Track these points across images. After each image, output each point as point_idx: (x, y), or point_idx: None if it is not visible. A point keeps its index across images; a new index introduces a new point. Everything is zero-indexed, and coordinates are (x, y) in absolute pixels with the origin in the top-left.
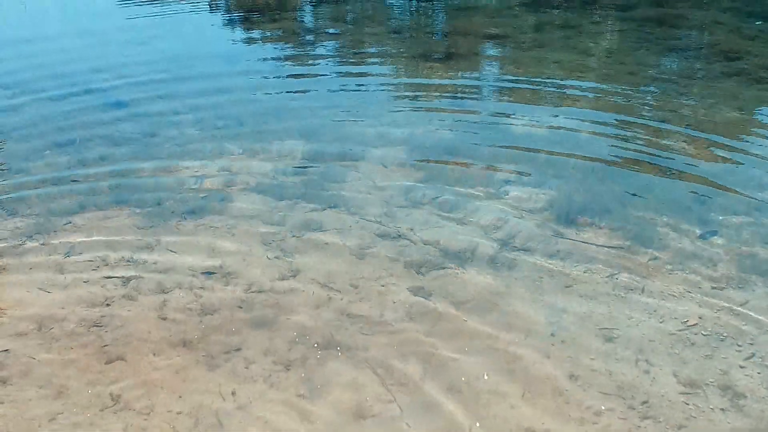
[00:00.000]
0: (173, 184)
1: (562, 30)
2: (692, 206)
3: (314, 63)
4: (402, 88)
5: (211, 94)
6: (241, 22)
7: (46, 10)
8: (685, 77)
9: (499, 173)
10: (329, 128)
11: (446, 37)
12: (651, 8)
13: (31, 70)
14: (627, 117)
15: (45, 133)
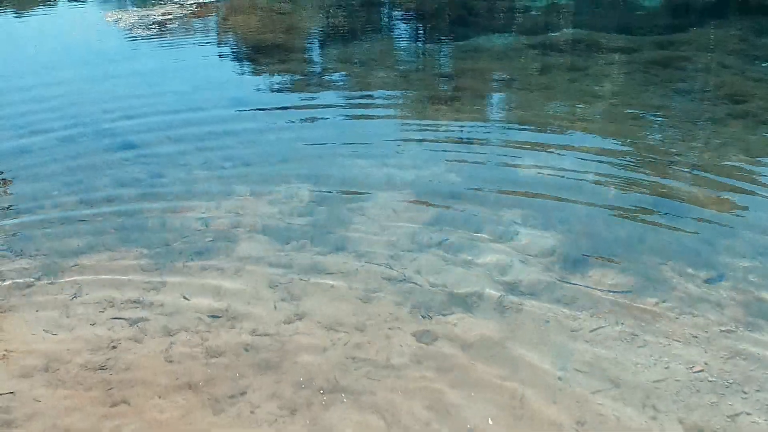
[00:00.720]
0: (180, 225)
1: (568, 72)
2: (699, 250)
3: (321, 104)
4: (409, 130)
5: (218, 135)
6: (249, 63)
7: (56, 52)
8: (691, 120)
9: (506, 216)
10: (336, 170)
11: (453, 80)
12: (656, 51)
13: (40, 111)
14: (633, 160)
15: (53, 173)
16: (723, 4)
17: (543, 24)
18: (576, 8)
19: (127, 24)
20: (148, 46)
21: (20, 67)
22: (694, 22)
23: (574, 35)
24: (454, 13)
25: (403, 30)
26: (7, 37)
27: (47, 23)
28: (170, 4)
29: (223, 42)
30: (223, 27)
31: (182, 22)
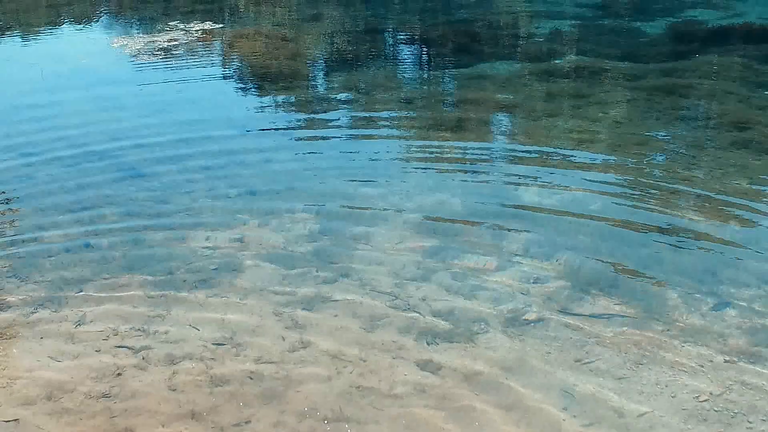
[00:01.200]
0: (185, 253)
1: (572, 99)
2: (703, 279)
3: (326, 131)
4: (413, 156)
5: (223, 161)
6: (254, 89)
7: (63, 76)
8: (695, 147)
9: (510, 243)
10: (341, 197)
11: (457, 106)
12: (660, 78)
13: (47, 135)
14: (637, 187)
15: (59, 198)
16: (726, 32)
17: (547, 51)
18: (579, 35)
19: (133, 50)
20: (154, 72)
21: (27, 91)
22: (698, 49)
23: (577, 62)
24: (457, 40)
25: (407, 56)
26: (14, 60)
27: (53, 47)
28: (176, 31)
29: (228, 68)
30: (228, 53)
31: (188, 48)
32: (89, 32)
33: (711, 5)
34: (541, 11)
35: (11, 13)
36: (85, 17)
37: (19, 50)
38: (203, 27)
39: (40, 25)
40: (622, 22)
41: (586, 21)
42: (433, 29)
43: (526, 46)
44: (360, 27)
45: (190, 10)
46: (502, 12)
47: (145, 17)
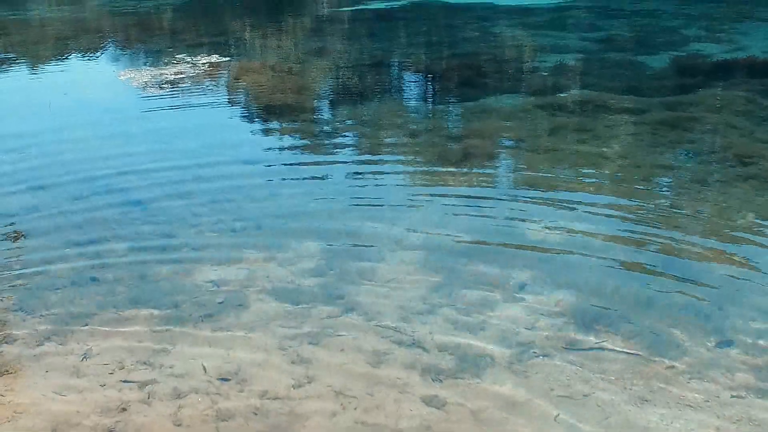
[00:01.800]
0: (191, 286)
1: (577, 133)
2: (709, 313)
3: (331, 164)
4: (418, 190)
5: (229, 195)
6: (260, 123)
7: (69, 109)
8: (699, 181)
9: (516, 278)
10: (346, 231)
11: (462, 139)
12: (664, 112)
13: (54, 167)
14: (642, 221)
15: (65, 231)
16: (730, 65)
17: (551, 84)
18: (583, 68)
19: (140, 82)
20: (161, 105)
21: (34, 122)
22: (702, 83)
23: (582, 96)
24: (462, 73)
25: (412, 90)
26: (21, 92)
27: (61, 79)
28: (183, 64)
29: (234, 101)
30: (235, 86)
31: (194, 81)
32: (96, 64)
33: (714, 39)
34: (545, 45)
35: (19, 44)
36: (92, 49)
37: (26, 81)
38: (210, 60)
39: (48, 56)
40: (626, 56)
41: (590, 54)
42: (438, 62)
43: (531, 80)
44: (365, 60)
45: (197, 43)
46: (506, 45)
47: (152, 50)
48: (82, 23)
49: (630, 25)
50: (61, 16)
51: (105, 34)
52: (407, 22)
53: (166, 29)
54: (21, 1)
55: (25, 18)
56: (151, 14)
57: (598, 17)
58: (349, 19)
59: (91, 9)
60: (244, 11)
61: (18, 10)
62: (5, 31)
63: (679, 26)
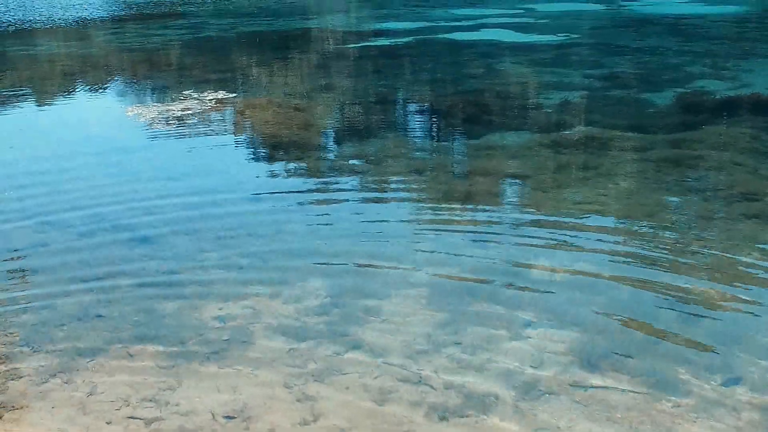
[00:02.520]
0: (196, 323)
1: (582, 171)
2: (714, 352)
3: (337, 201)
4: (424, 226)
5: (235, 231)
6: (266, 158)
7: (77, 145)
8: (704, 218)
9: (521, 316)
10: (352, 268)
11: (467, 176)
12: (668, 149)
13: (61, 203)
14: (647, 259)
15: (72, 267)
16: (734, 102)
17: (556, 121)
18: (588, 106)
19: (148, 118)
20: (168, 141)
21: (41, 158)
22: (706, 120)
23: (586, 133)
24: (467, 110)
25: (417, 126)
26: (29, 127)
27: (68, 115)
28: (190, 100)
29: (240, 138)
30: (241, 123)
31: (201, 117)
32: (104, 100)
33: (719, 76)
34: (550, 82)
35: (27, 80)
36: (100, 85)
37: (34, 117)
38: (217, 96)
39: (56, 92)
40: (630, 93)
41: (594, 91)
42: (443, 99)
43: (535, 117)
44: (371, 97)
45: (204, 80)
46: (511, 83)
47: (160, 86)
48: (90, 59)
49: (634, 62)
50: (69, 51)
51: (113, 69)
52: (412, 58)
53: (173, 65)
54: (29, 37)
55: (33, 53)
56: (158, 50)
57: (602, 54)
58: (354, 56)
59: (99, 45)
60: (251, 47)
61: (27, 46)
62: (14, 66)
63: (683, 63)
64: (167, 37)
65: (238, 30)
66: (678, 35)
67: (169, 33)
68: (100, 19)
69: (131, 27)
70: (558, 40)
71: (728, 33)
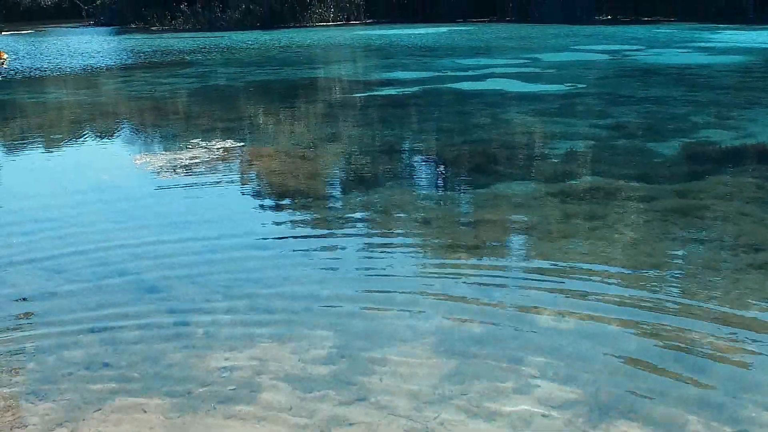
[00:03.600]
0: (203, 373)
1: (588, 221)
2: (722, 403)
3: (343, 250)
4: (430, 276)
5: (241, 279)
6: (273, 207)
7: (85, 193)
8: (711, 269)
9: (527, 367)
10: (358, 318)
11: (473, 227)
12: (674, 199)
13: (68, 250)
14: (654, 310)
15: (78, 316)
16: (740, 152)
17: (562, 171)
18: (594, 155)
19: (155, 166)
20: (175, 189)
21: (49, 205)
22: (712, 170)
23: (592, 183)
24: (474, 160)
25: (424, 176)
26: (37, 174)
27: (76, 162)
28: (197, 148)
29: (247, 186)
30: (248, 171)
31: (209, 166)
32: (112, 147)
33: (723, 126)
34: (556, 131)
35: (36, 127)
36: (108, 132)
37: (42, 164)
38: (224, 145)
39: (64, 139)
40: (636, 143)
41: (600, 141)
42: (449, 149)
43: (542, 167)
44: (378, 146)
45: (212, 128)
46: (517, 132)
47: (167, 134)
48: (98, 106)
49: (639, 111)
50: (78, 99)
51: (121, 117)
52: (419, 108)
53: (181, 113)
54: (38, 84)
55: (43, 101)
56: (166, 98)
57: (607, 104)
58: (361, 105)
59: (107, 93)
60: (258, 96)
61: (36, 93)
62: (23, 113)
63: (688, 113)
64: (175, 85)
65: (246, 79)
66: (683, 85)
67: (177, 81)
68: (109, 67)
69: (139, 75)
70: (564, 89)
71: (732, 83)
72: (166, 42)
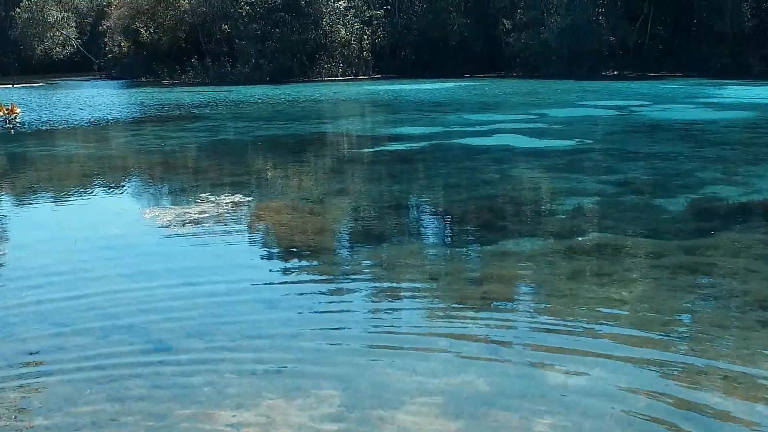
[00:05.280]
0: (211, 430)
1: (596, 277)
2: None
3: (351, 307)
4: (438, 334)
5: (249, 336)
6: (281, 262)
7: (94, 247)
8: (720, 326)
9: (536, 426)
10: (366, 375)
11: (481, 284)
12: (682, 256)
13: (77, 305)
14: (661, 369)
15: (87, 372)
16: (747, 208)
17: (569, 228)
18: (602, 212)
19: (164, 220)
20: (184, 243)
21: (59, 260)
22: (720, 227)
23: (600, 239)
24: (482, 216)
25: (432, 232)
26: (48, 227)
27: (86, 216)
28: (206, 203)
29: (256, 242)
30: (257, 226)
31: (217, 220)
32: (121, 201)
33: (731, 182)
34: (563, 188)
35: (46, 180)
36: (117, 186)
37: (52, 217)
38: (233, 199)
39: (74, 192)
40: (644, 199)
41: (607, 197)
42: (457, 205)
43: (549, 223)
44: (386, 201)
45: (220, 182)
46: (525, 188)
47: (176, 188)
48: (108, 160)
49: (646, 167)
50: (88, 152)
51: (130, 171)
52: (427, 163)
53: (190, 168)
54: (50, 138)
55: (54, 154)
56: (175, 152)
57: (614, 159)
58: (369, 160)
59: (117, 146)
60: (267, 150)
61: (47, 146)
62: (35, 166)
63: (695, 169)
64: (184, 139)
65: (255, 133)
66: (689, 141)
67: (187, 135)
68: (119, 121)
69: (149, 128)
70: (571, 145)
71: (739, 138)
72: (176, 96)
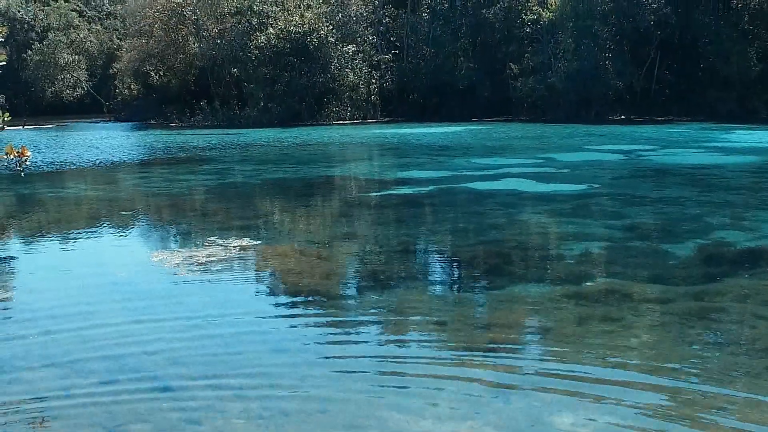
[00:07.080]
0: None
1: (604, 323)
2: None
3: (358, 352)
4: (445, 380)
5: (256, 382)
6: (288, 307)
7: (102, 290)
8: (728, 373)
9: None
10: (374, 421)
11: (488, 329)
12: (690, 301)
13: (83, 348)
14: (671, 416)
15: (93, 416)
16: (755, 253)
17: (577, 273)
18: (609, 257)
19: (172, 264)
20: (192, 287)
21: (66, 303)
22: (728, 272)
23: (608, 284)
24: (489, 261)
25: (439, 277)
26: (55, 270)
27: (94, 258)
28: (214, 246)
29: (263, 286)
30: (264, 271)
31: (225, 264)
32: (129, 244)
33: (738, 227)
34: (570, 233)
35: (53, 222)
36: (125, 229)
37: (59, 259)
38: (240, 243)
39: (82, 235)
40: (651, 244)
41: (615, 242)
42: (465, 249)
43: (557, 268)
44: (392, 246)
45: (228, 226)
46: (532, 233)
47: (184, 231)
48: (116, 202)
49: (654, 212)
50: (96, 195)
51: (138, 213)
52: (434, 207)
53: (198, 211)
54: (59, 180)
55: (62, 195)
56: (184, 195)
57: (622, 204)
58: (377, 204)
59: (126, 188)
60: (275, 194)
61: (56, 188)
62: (43, 208)
63: (703, 214)
64: (193, 182)
65: (263, 176)
66: (696, 185)
67: (195, 178)
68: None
69: (158, 171)
70: (578, 189)
71: (746, 183)
72: (184, 138)
